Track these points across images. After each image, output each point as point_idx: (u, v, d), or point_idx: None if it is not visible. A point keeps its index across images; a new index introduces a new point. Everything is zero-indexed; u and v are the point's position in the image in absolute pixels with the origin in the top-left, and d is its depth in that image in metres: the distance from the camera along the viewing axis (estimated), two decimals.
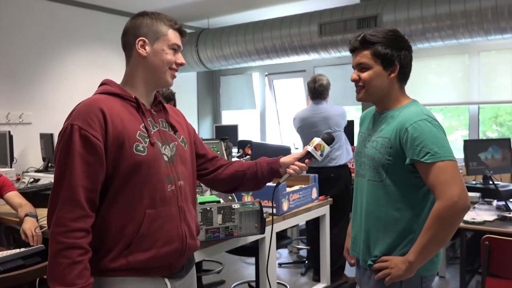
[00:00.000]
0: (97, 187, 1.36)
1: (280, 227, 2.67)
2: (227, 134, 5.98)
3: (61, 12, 5.00)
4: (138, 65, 1.50)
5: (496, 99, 5.00)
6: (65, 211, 1.31)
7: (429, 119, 1.58)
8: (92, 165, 1.34)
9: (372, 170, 1.67)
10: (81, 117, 1.36)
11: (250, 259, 4.52)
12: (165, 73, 1.52)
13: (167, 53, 1.51)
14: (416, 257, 1.56)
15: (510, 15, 3.93)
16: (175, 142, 1.54)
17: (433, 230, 1.53)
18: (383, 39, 1.64)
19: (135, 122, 1.43)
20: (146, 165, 1.40)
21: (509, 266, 2.39)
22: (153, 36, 1.49)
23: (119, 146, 1.37)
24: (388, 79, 1.66)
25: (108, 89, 1.48)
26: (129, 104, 1.47)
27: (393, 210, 1.64)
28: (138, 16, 1.53)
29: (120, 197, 1.39)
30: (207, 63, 6.08)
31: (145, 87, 1.52)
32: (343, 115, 3.98)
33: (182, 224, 1.49)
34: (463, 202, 1.51)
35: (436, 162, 1.52)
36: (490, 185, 3.46)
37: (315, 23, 4.99)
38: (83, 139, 1.33)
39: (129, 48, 1.52)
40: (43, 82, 4.86)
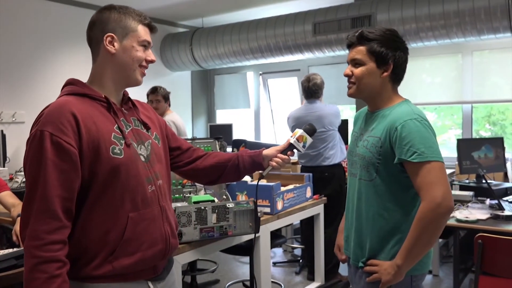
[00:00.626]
0: (73, 196, 1.29)
1: (274, 226, 2.68)
2: (222, 133, 5.98)
3: (55, 10, 4.98)
4: (106, 63, 1.43)
5: (489, 98, 5.03)
6: (40, 223, 1.23)
7: (419, 119, 1.58)
8: (67, 173, 1.27)
9: (363, 169, 1.68)
10: (52, 123, 1.28)
11: (244, 258, 4.53)
12: (135, 71, 1.45)
13: (137, 50, 1.44)
14: (403, 260, 1.56)
15: (503, 15, 3.96)
16: (149, 140, 1.49)
17: (418, 232, 1.53)
18: (380, 37, 1.64)
19: (108, 124, 1.37)
20: (124, 167, 1.35)
21: (502, 265, 2.41)
22: (121, 32, 1.42)
23: (94, 151, 1.31)
24: (381, 78, 1.66)
25: (75, 89, 1.40)
26: (99, 104, 1.40)
27: (382, 210, 1.64)
28: (105, 9, 1.44)
29: (100, 203, 1.33)
30: (201, 62, 6.07)
31: (114, 85, 1.45)
32: (337, 114, 3.99)
33: (165, 224, 1.46)
34: (447, 204, 1.51)
35: (423, 162, 1.52)
36: (483, 184, 3.48)
37: (309, 22, 5.00)
38: (55, 146, 1.26)
39: (95, 44, 1.44)
40: (36, 81, 4.83)
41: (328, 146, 3.93)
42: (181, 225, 1.99)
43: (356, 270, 1.74)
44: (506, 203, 3.04)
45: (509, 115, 5.20)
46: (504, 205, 2.94)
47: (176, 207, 1.98)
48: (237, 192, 2.68)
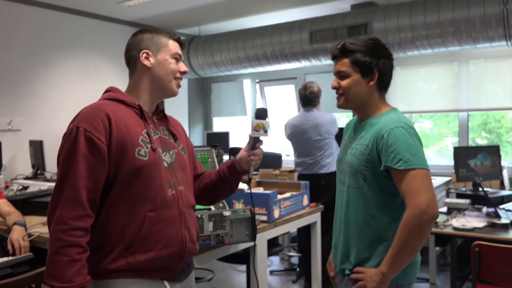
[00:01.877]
0: (98, 188, 1.40)
1: (271, 234, 2.67)
2: (218, 141, 5.98)
3: (50, 18, 4.98)
4: (143, 76, 1.56)
5: (485, 106, 5.06)
6: (67, 210, 1.34)
7: (405, 127, 1.60)
8: (95, 166, 1.39)
9: (351, 177, 1.69)
10: (87, 120, 1.41)
11: (241, 267, 4.50)
12: (171, 82, 1.59)
13: (171, 63, 1.58)
14: (388, 267, 1.56)
15: (498, 24, 3.99)
16: (175, 149, 1.59)
17: (403, 239, 1.53)
18: (363, 47, 1.66)
19: (138, 128, 1.49)
20: (147, 169, 1.45)
21: (499, 273, 2.41)
22: (155, 48, 1.56)
23: (121, 150, 1.42)
24: (367, 87, 1.68)
25: (112, 95, 1.54)
26: (133, 110, 1.52)
27: (369, 217, 1.65)
28: (138, 33, 1.60)
29: (122, 199, 1.42)
30: (198, 70, 6.08)
31: (150, 96, 1.58)
32: (334, 122, 3.99)
33: (182, 228, 1.52)
34: (431, 211, 1.51)
35: (408, 170, 1.54)
36: (480, 192, 3.49)
37: (306, 30, 5.02)
38: (88, 141, 1.38)
39: (133, 62, 1.58)
40: (32, 89, 4.82)
41: (325, 154, 3.93)
42: None
43: (343, 278, 1.74)
44: (502, 211, 3.05)
45: (505, 123, 5.22)
46: (501, 213, 2.95)
47: None
48: (234, 200, 2.68)
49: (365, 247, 1.66)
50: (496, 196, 3.51)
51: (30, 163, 4.58)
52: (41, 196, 2.92)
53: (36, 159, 4.46)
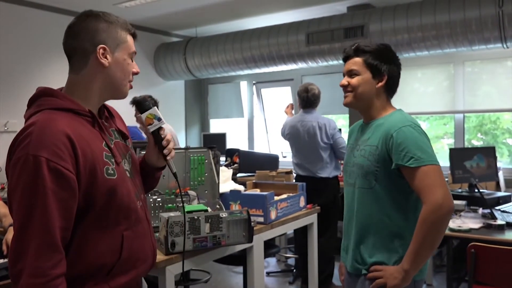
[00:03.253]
0: (71, 225, 1.21)
1: (268, 236, 2.67)
2: (215, 142, 5.97)
3: (47, 20, 4.98)
4: (97, 75, 1.32)
5: (481, 108, 5.08)
6: (43, 259, 1.13)
7: (412, 126, 1.64)
8: (66, 201, 1.18)
9: (362, 178, 1.71)
10: (46, 146, 1.15)
11: (238, 268, 4.50)
12: (126, 85, 1.37)
13: (129, 63, 1.36)
14: (410, 264, 1.58)
15: (494, 26, 4.01)
16: (129, 151, 1.44)
17: (422, 235, 1.56)
18: (376, 50, 1.73)
19: (97, 142, 1.29)
20: (119, 188, 1.29)
21: (495, 274, 2.41)
22: (113, 43, 1.32)
23: (91, 175, 1.23)
24: (376, 88, 1.73)
25: (57, 103, 1.27)
26: (84, 119, 1.29)
27: (383, 216, 1.68)
28: (89, 17, 1.32)
29: (95, 226, 1.26)
30: (195, 72, 6.08)
31: (99, 98, 1.36)
32: (333, 125, 3.98)
33: (152, 237, 1.45)
34: (448, 204, 1.55)
35: (420, 167, 1.57)
36: (476, 193, 3.50)
37: (303, 32, 5.03)
38: (54, 173, 1.15)
39: (82, 54, 1.31)
40: (28, 90, 4.78)
41: (323, 156, 3.93)
42: (174, 235, 1.98)
43: (357, 279, 1.74)
44: (498, 212, 3.06)
45: (501, 124, 5.25)
46: (497, 214, 2.96)
47: (169, 216, 1.97)
48: (231, 202, 2.68)
49: (381, 246, 1.68)
50: (492, 197, 3.52)
51: None
52: None
53: None
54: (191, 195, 2.52)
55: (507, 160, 5.15)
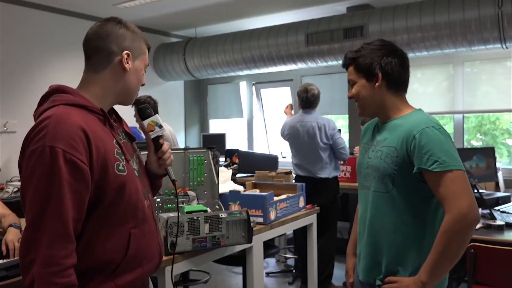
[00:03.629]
0: (82, 217, 1.23)
1: (267, 236, 2.67)
2: (215, 143, 5.97)
3: (46, 20, 4.98)
4: (116, 78, 1.37)
5: (480, 108, 5.08)
6: (57, 248, 1.15)
7: (437, 127, 1.53)
8: (80, 193, 1.21)
9: (378, 181, 1.61)
10: (61, 138, 1.18)
11: (237, 269, 4.50)
12: (136, 94, 1.46)
13: (143, 74, 1.45)
14: (428, 276, 1.48)
15: (493, 26, 4.01)
16: (136, 152, 1.48)
17: (444, 245, 1.45)
18: (364, 51, 1.65)
19: (109, 139, 1.33)
20: (128, 185, 1.32)
21: (494, 274, 2.41)
22: (136, 52, 1.41)
23: (103, 169, 1.25)
24: (375, 90, 1.64)
25: (72, 99, 1.31)
26: (96, 117, 1.33)
27: (400, 223, 1.57)
28: (120, 24, 1.40)
29: (104, 222, 1.29)
30: (194, 72, 6.08)
31: (113, 100, 1.41)
32: (333, 126, 3.98)
33: (158, 237, 1.47)
34: (473, 214, 1.44)
35: (445, 172, 1.47)
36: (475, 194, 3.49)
37: (302, 32, 5.03)
38: (70, 165, 1.18)
39: (106, 55, 1.36)
40: (27, 90, 4.81)
41: (323, 157, 3.93)
42: (174, 235, 1.98)
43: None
44: (497, 212, 3.06)
45: (500, 125, 5.25)
46: (496, 215, 2.96)
47: (169, 217, 1.97)
48: (230, 202, 2.68)
49: (396, 255, 1.58)
50: (491, 197, 3.52)
51: None
52: None
53: None
54: (190, 195, 2.52)
55: (507, 160, 5.16)
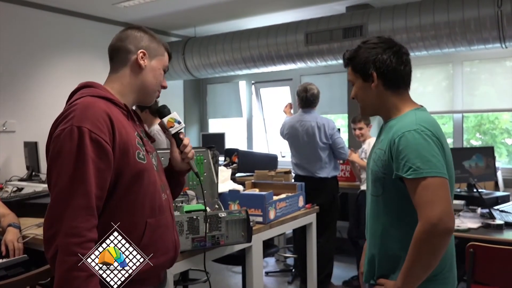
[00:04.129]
0: (104, 195, 1.30)
1: (266, 236, 2.67)
2: (214, 142, 5.97)
3: (45, 19, 4.97)
4: (133, 76, 1.48)
5: (480, 108, 5.08)
6: (80, 220, 1.22)
7: (419, 130, 1.46)
8: (103, 171, 1.28)
9: (372, 184, 1.61)
10: (89, 119, 1.28)
11: (236, 268, 4.50)
12: (155, 93, 1.54)
13: (161, 73, 1.53)
14: (402, 282, 1.47)
15: (492, 25, 4.01)
16: (155, 151, 1.55)
17: (414, 254, 1.43)
18: (359, 50, 1.61)
19: (131, 130, 1.41)
20: (147, 173, 1.39)
21: (494, 273, 2.42)
22: (152, 52, 1.51)
23: (124, 154, 1.33)
24: (373, 90, 1.60)
25: (99, 92, 1.40)
26: (120, 110, 1.42)
27: (390, 227, 1.56)
28: (139, 29, 1.53)
29: (122, 206, 1.34)
30: (193, 72, 6.08)
31: (134, 98, 1.51)
32: (332, 125, 3.98)
33: (175, 232, 1.51)
34: (444, 226, 1.37)
35: (418, 179, 1.41)
36: (474, 193, 3.50)
37: (302, 32, 5.03)
38: (95, 144, 1.26)
39: (123, 54, 1.48)
40: (26, 90, 4.80)
41: (322, 156, 3.93)
42: None
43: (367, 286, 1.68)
44: (497, 212, 3.06)
45: (499, 124, 5.25)
46: (495, 214, 2.96)
47: None
48: (229, 202, 2.68)
49: (387, 258, 1.57)
50: (490, 197, 3.52)
51: (24, 164, 4.56)
52: (36, 198, 2.90)
53: (30, 160, 4.44)
54: (190, 195, 2.52)
55: (506, 160, 5.16)
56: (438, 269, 1.49)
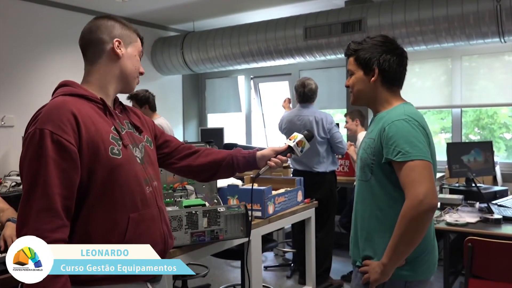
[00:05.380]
0: (73, 195, 1.30)
1: (265, 230, 2.67)
2: (213, 137, 5.97)
3: (44, 14, 4.95)
4: (112, 65, 1.47)
5: (478, 103, 5.09)
6: (43, 221, 1.23)
7: (407, 119, 1.61)
8: (67, 171, 1.28)
9: (360, 170, 1.73)
10: (51, 121, 1.28)
11: (235, 263, 4.51)
12: (135, 79, 1.53)
13: (137, 59, 1.53)
14: (388, 259, 1.58)
15: (491, 20, 4.01)
16: (142, 143, 1.53)
17: (401, 230, 1.54)
18: (365, 45, 1.72)
19: (106, 125, 1.39)
20: (123, 168, 1.37)
21: (492, 267, 2.43)
22: (127, 40, 1.50)
23: (94, 151, 1.32)
24: (370, 84, 1.72)
25: (71, 90, 1.41)
26: (96, 106, 1.41)
27: (377, 210, 1.67)
28: (108, 18, 1.51)
29: (100, 204, 1.34)
30: (192, 66, 6.06)
31: (113, 88, 1.49)
32: (330, 120, 3.98)
33: (163, 224, 1.50)
34: (429, 202, 1.51)
35: (407, 162, 1.55)
36: (473, 188, 3.51)
37: (300, 26, 5.01)
38: (56, 145, 1.26)
39: (97, 45, 1.46)
40: (25, 85, 4.79)
41: (320, 151, 3.94)
42: (172, 229, 1.98)
43: (355, 269, 1.77)
44: (495, 206, 3.07)
45: (498, 119, 5.26)
46: (493, 209, 2.97)
47: (167, 211, 1.97)
48: (228, 196, 2.68)
49: (372, 240, 1.68)
50: (489, 191, 3.53)
51: None
52: None
53: None
54: (188, 189, 2.53)
55: (504, 154, 5.17)
56: (419, 252, 1.63)
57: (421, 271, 1.67)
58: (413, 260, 1.63)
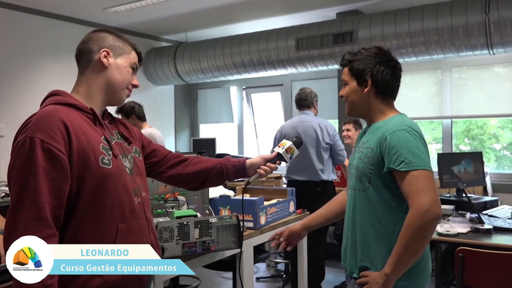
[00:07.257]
0: (62, 204, 1.28)
1: (257, 241, 2.66)
2: (205, 147, 5.97)
3: (36, 23, 4.94)
4: (98, 75, 1.47)
5: (468, 113, 5.14)
6: (33, 231, 1.21)
7: (408, 130, 1.63)
8: (57, 180, 1.27)
9: (357, 179, 1.71)
10: (41, 129, 1.27)
11: (227, 274, 4.49)
12: (123, 91, 1.51)
13: (128, 71, 1.51)
14: (391, 269, 1.56)
15: (480, 32, 4.06)
16: (131, 153, 1.53)
17: (406, 240, 1.54)
18: (360, 56, 1.73)
19: (96, 135, 1.39)
20: (113, 178, 1.37)
21: (483, 277, 2.43)
22: (117, 51, 1.50)
23: (84, 160, 1.32)
24: (364, 95, 1.73)
25: (61, 99, 1.41)
26: (85, 115, 1.41)
27: (374, 220, 1.66)
28: (103, 31, 1.52)
29: (90, 214, 1.33)
30: (184, 77, 6.07)
31: (100, 98, 1.48)
32: (331, 128, 3.94)
33: (150, 235, 1.50)
34: (434, 211, 1.52)
35: (410, 171, 1.55)
36: (463, 198, 3.52)
37: (292, 38, 5.05)
38: (46, 153, 1.25)
39: (87, 55, 1.48)
40: (15, 94, 4.76)
41: (320, 160, 3.89)
42: (163, 240, 1.97)
43: (350, 280, 1.75)
44: (485, 216, 3.08)
45: (487, 129, 5.31)
46: (484, 219, 2.98)
47: (158, 222, 1.96)
48: (220, 207, 2.67)
49: (370, 250, 1.66)
50: (479, 202, 3.55)
51: None
52: None
53: None
54: (180, 200, 2.52)
55: (494, 165, 5.21)
56: (417, 262, 1.62)
57: (418, 281, 1.66)
58: (411, 270, 1.62)
